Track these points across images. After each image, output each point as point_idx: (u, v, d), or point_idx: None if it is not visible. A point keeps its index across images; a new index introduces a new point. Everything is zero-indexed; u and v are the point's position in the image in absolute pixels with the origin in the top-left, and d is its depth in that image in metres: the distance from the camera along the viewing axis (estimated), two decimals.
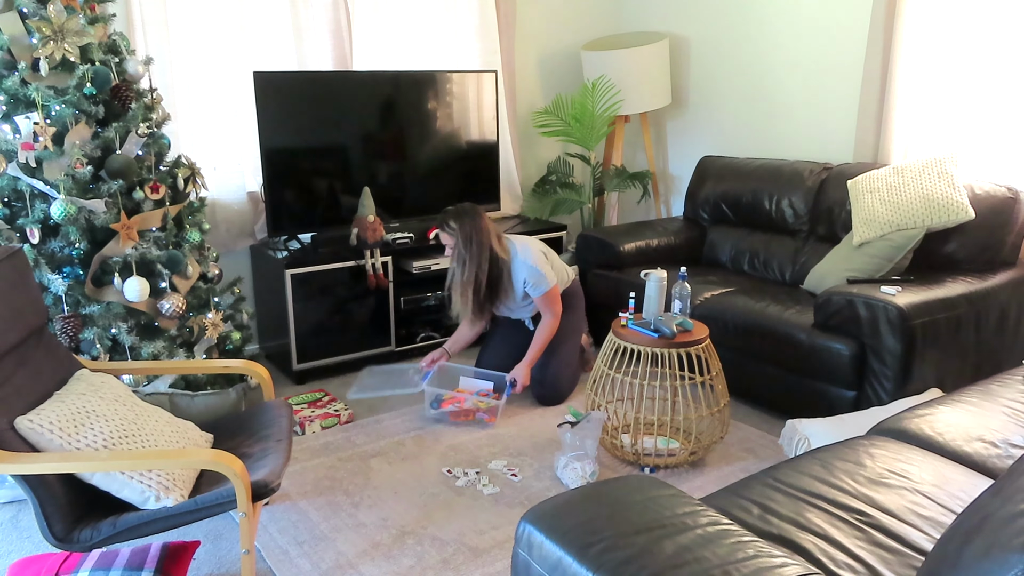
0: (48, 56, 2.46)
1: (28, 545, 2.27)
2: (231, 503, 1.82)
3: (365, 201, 3.52)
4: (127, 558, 1.97)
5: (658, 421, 2.90)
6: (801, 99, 3.91)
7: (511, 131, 4.42)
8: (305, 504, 2.48)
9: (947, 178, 3.05)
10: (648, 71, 4.27)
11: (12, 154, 2.47)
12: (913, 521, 1.54)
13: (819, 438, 2.50)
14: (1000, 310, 2.94)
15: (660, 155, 4.80)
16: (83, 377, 2.09)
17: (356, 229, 3.51)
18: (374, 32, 3.90)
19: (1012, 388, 2.15)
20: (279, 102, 3.44)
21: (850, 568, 1.38)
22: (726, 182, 3.95)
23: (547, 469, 2.71)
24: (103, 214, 2.53)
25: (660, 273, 2.74)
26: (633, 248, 3.82)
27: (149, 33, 3.28)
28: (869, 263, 3.08)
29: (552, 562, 1.26)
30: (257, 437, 2.18)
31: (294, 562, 2.18)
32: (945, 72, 3.31)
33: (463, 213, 3.09)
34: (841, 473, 1.69)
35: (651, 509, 1.32)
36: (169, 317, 2.65)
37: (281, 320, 3.47)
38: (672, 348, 2.59)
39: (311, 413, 3.05)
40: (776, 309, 3.06)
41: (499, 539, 2.28)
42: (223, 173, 3.59)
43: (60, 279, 2.48)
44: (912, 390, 2.72)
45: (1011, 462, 1.72)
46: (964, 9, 3.21)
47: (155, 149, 2.77)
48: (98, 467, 1.79)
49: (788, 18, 3.90)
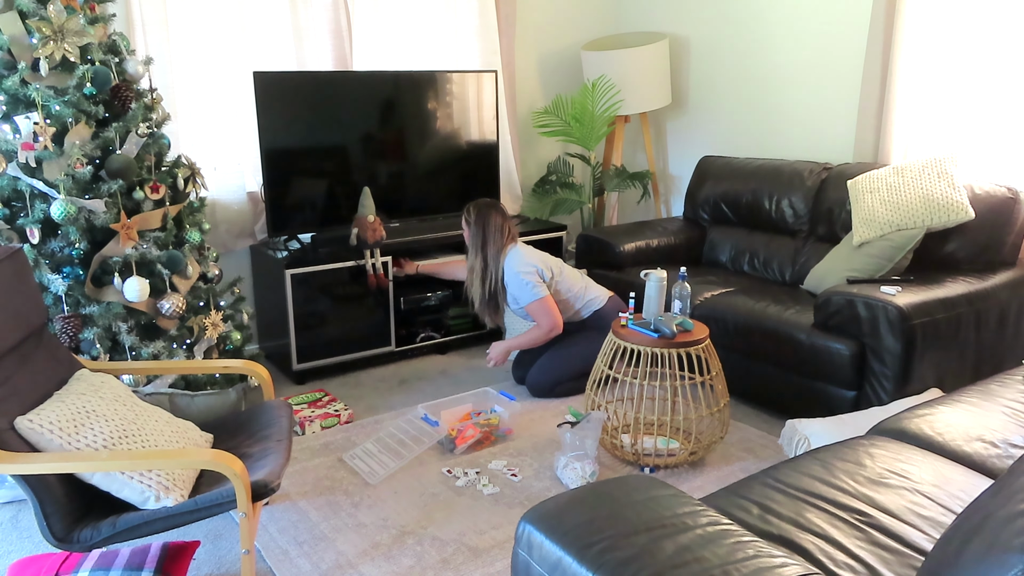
0: (48, 56, 2.46)
1: (28, 545, 2.27)
2: (231, 503, 1.82)
3: (365, 201, 3.52)
4: (127, 558, 1.98)
5: (658, 421, 2.90)
6: (801, 99, 3.91)
7: (511, 131, 4.42)
8: (305, 504, 2.48)
9: (947, 178, 3.05)
10: (648, 71, 4.27)
11: (12, 154, 2.47)
12: (913, 521, 1.54)
13: (819, 438, 2.50)
14: (1000, 310, 2.94)
15: (660, 155, 4.80)
16: (83, 377, 2.09)
17: (356, 229, 3.50)
18: (374, 32, 3.90)
19: (1012, 388, 2.15)
20: (279, 102, 3.44)
21: (850, 568, 1.38)
22: (726, 182, 3.95)
23: (547, 469, 2.71)
24: (103, 214, 2.53)
25: (660, 273, 2.74)
26: (633, 248, 3.82)
27: (149, 33, 3.28)
28: (869, 263, 3.08)
29: (552, 562, 1.26)
30: (257, 437, 2.18)
31: (294, 562, 2.18)
32: (945, 72, 3.31)
33: (480, 206, 3.27)
34: (841, 473, 1.69)
35: (651, 509, 1.32)
36: (169, 317, 2.65)
37: (281, 320, 3.47)
38: (672, 348, 2.59)
39: (311, 413, 3.05)
40: (776, 309, 3.06)
41: (499, 539, 2.28)
42: (223, 173, 3.59)
43: (60, 279, 2.48)
44: (912, 390, 2.72)
45: (1011, 462, 1.72)
46: (964, 9, 3.21)
47: (155, 149, 2.77)
48: (98, 467, 1.79)
49: (788, 18, 3.90)
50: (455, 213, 4.04)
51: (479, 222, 3.23)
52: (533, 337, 3.26)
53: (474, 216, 3.25)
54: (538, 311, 3.20)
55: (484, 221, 3.23)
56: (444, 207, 4.02)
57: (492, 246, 3.23)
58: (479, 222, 3.23)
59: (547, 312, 3.20)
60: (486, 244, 3.23)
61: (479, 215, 3.24)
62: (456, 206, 4.04)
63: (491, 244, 3.23)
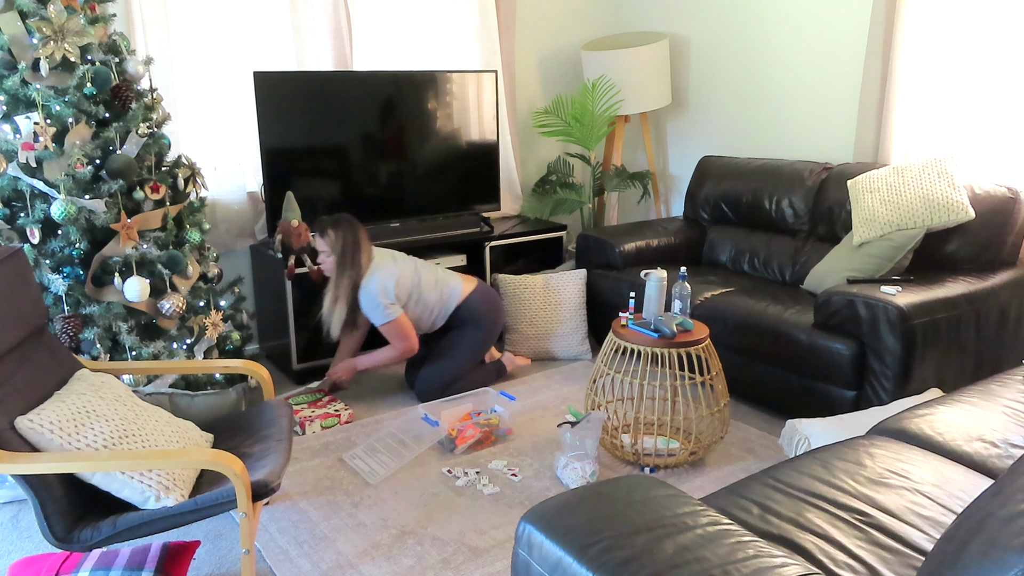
0: (48, 56, 2.46)
1: (28, 545, 2.27)
2: (231, 503, 1.82)
3: (289, 205, 3.37)
4: (127, 558, 1.98)
5: (658, 421, 2.90)
6: (801, 99, 3.91)
7: (511, 131, 4.42)
8: (305, 504, 2.48)
9: (947, 178, 3.05)
10: (648, 71, 4.27)
11: (12, 154, 2.47)
12: (913, 521, 1.54)
13: (819, 438, 2.50)
14: (1000, 310, 2.94)
15: (660, 155, 4.80)
16: (83, 377, 2.09)
17: (280, 235, 3.34)
18: (374, 32, 3.90)
19: (1012, 388, 2.15)
20: (279, 102, 3.44)
21: (850, 568, 1.38)
22: (726, 182, 3.95)
23: (547, 469, 2.71)
24: (103, 214, 2.53)
25: (660, 273, 2.74)
26: (633, 248, 3.82)
27: (149, 33, 3.28)
28: (869, 263, 3.08)
29: (552, 562, 1.26)
30: (257, 437, 2.18)
31: (294, 562, 2.18)
32: (945, 72, 3.31)
33: (342, 222, 3.10)
34: (841, 473, 1.69)
35: (651, 509, 1.32)
36: (169, 317, 2.65)
37: (281, 320, 3.47)
38: (672, 348, 2.59)
39: (311, 413, 3.05)
40: (776, 309, 3.06)
41: (499, 539, 2.28)
42: (223, 173, 3.59)
43: (60, 279, 2.48)
44: (912, 390, 2.72)
45: (1011, 462, 1.72)
46: (964, 9, 3.21)
47: (155, 149, 2.77)
48: (98, 467, 1.79)
49: (788, 18, 3.90)
50: (455, 213, 4.04)
51: (346, 237, 3.07)
52: (386, 357, 3.20)
53: (335, 232, 3.08)
54: (392, 333, 3.13)
55: (352, 236, 3.08)
56: (444, 207, 4.02)
57: (352, 268, 3.08)
58: (346, 237, 3.07)
59: (400, 335, 3.14)
60: (355, 259, 3.08)
61: (342, 231, 3.08)
62: (456, 206, 4.04)
63: (359, 259, 3.08)
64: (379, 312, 3.10)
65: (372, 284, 3.09)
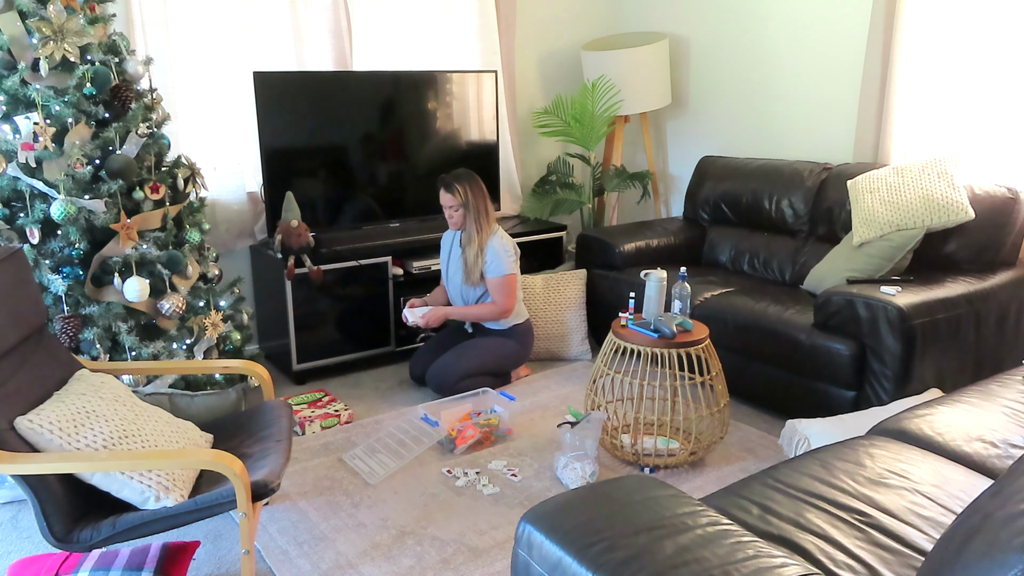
0: (48, 56, 2.46)
1: (28, 545, 2.27)
2: (231, 503, 1.82)
3: (289, 206, 3.39)
4: (127, 558, 1.98)
5: (658, 421, 2.90)
6: (801, 99, 3.91)
7: (511, 131, 4.42)
8: (305, 504, 2.48)
9: (947, 178, 3.05)
10: (648, 71, 4.27)
11: (12, 154, 2.47)
12: (913, 521, 1.54)
13: (819, 438, 2.50)
14: (1000, 310, 2.94)
15: (660, 155, 4.80)
16: (83, 377, 2.09)
17: (280, 235, 3.37)
18: (374, 32, 3.90)
19: (1012, 388, 2.15)
20: (279, 102, 3.44)
21: (850, 568, 1.38)
22: (726, 182, 3.95)
23: (547, 469, 2.71)
24: (103, 214, 2.53)
25: (660, 273, 2.74)
26: (633, 248, 3.82)
27: (149, 33, 3.28)
28: (869, 263, 3.08)
29: (552, 562, 1.26)
30: (257, 437, 2.18)
31: (294, 562, 2.18)
32: (945, 72, 3.31)
33: (467, 176, 3.26)
34: (841, 473, 1.69)
35: (651, 509, 1.32)
36: (169, 317, 2.65)
37: (281, 320, 3.47)
38: (672, 348, 2.59)
39: (311, 413, 3.05)
40: (776, 309, 3.06)
41: (499, 539, 2.28)
42: (223, 173, 3.59)
43: (60, 279, 2.48)
44: (912, 390, 2.72)
45: (1011, 462, 1.72)
46: (964, 9, 3.21)
47: (155, 149, 2.77)
48: (98, 467, 1.79)
49: (788, 18, 3.90)
50: None
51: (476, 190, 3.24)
52: (482, 312, 3.27)
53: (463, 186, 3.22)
54: (504, 286, 3.22)
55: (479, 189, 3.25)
56: None
57: (486, 218, 3.26)
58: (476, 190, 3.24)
59: (510, 291, 3.24)
60: (479, 212, 3.23)
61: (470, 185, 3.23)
62: None
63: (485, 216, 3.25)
64: (507, 262, 3.21)
65: (504, 237, 3.26)
